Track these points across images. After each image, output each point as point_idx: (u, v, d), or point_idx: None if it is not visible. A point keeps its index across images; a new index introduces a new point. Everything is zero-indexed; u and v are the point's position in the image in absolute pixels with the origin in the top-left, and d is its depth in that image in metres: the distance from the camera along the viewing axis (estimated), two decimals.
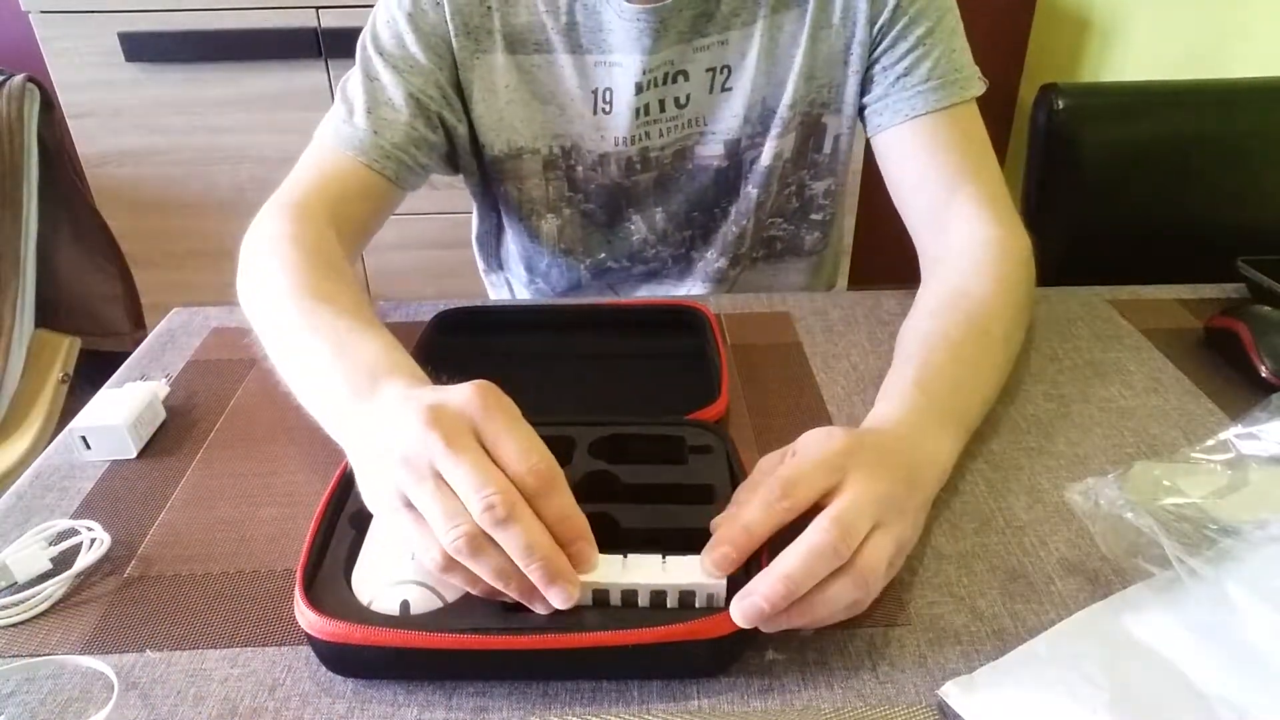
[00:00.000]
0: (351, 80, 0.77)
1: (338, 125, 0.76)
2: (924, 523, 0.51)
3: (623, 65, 0.77)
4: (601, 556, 0.44)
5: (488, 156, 0.83)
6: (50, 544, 0.53)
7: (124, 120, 1.71)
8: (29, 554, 0.51)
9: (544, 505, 0.42)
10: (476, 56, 0.78)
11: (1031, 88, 2.06)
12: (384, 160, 0.75)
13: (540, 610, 0.43)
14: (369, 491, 0.46)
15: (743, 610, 0.42)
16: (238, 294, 0.66)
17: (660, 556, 0.45)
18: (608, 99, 0.79)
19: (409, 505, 0.43)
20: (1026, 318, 0.69)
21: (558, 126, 0.81)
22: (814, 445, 0.48)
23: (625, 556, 0.45)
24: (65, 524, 0.54)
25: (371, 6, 0.80)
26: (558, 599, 0.42)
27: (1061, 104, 1.02)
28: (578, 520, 0.43)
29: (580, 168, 0.83)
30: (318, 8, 1.63)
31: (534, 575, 0.41)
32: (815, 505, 0.45)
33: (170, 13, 1.61)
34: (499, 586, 0.42)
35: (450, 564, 0.42)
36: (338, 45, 1.65)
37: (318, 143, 0.77)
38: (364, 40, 0.78)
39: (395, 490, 0.43)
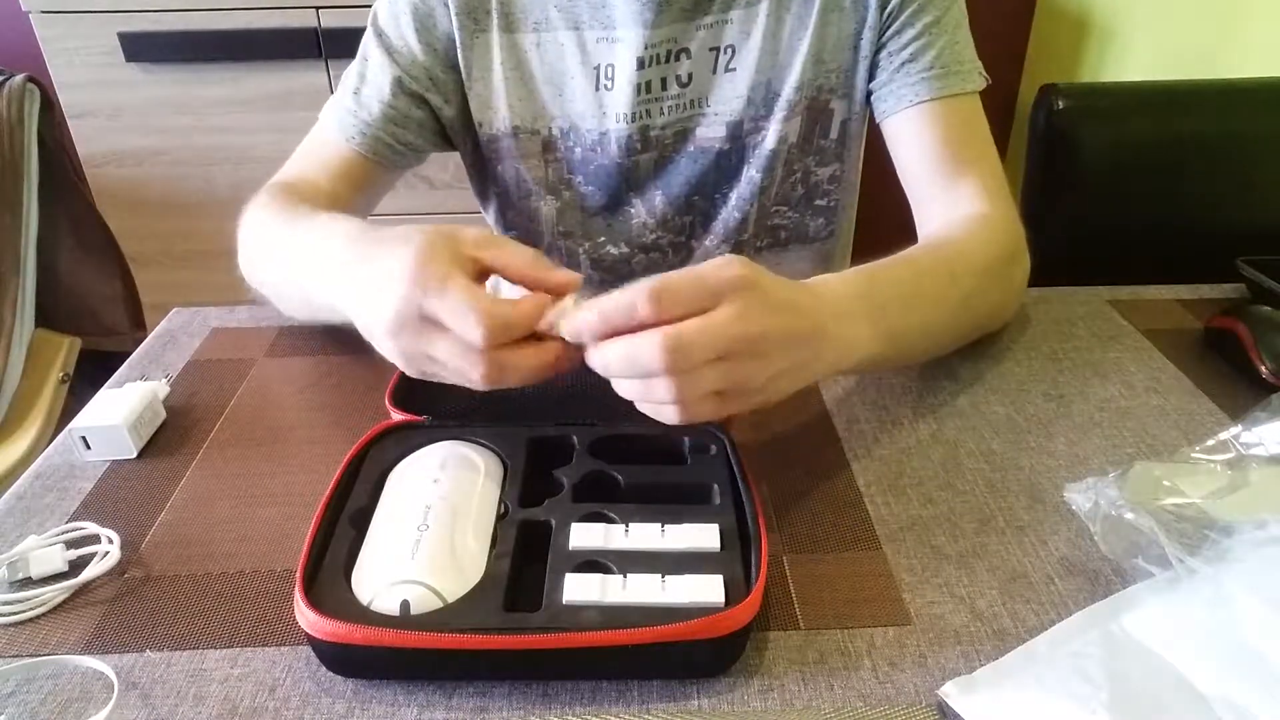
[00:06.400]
0: (356, 58, 0.80)
1: (333, 104, 0.79)
2: (792, 390, 0.50)
3: (624, 40, 0.78)
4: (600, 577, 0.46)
5: (484, 136, 0.83)
6: (70, 546, 0.53)
7: (124, 120, 1.71)
8: (50, 552, 0.51)
9: (518, 326, 0.47)
10: (476, 36, 0.78)
11: (1031, 88, 2.06)
12: (363, 139, 0.77)
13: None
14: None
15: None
16: (241, 268, 0.71)
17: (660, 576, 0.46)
18: (610, 75, 0.79)
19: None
20: (1000, 294, 0.70)
21: (556, 107, 0.81)
22: (707, 264, 0.46)
23: (625, 576, 0.46)
24: (93, 528, 0.54)
25: (371, 6, 0.80)
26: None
27: (1061, 104, 1.02)
28: (537, 304, 0.48)
29: (579, 149, 0.82)
30: (318, 8, 1.63)
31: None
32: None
33: (170, 13, 1.61)
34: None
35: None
36: (338, 45, 1.65)
37: (319, 123, 0.80)
38: (370, 16, 0.80)
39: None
